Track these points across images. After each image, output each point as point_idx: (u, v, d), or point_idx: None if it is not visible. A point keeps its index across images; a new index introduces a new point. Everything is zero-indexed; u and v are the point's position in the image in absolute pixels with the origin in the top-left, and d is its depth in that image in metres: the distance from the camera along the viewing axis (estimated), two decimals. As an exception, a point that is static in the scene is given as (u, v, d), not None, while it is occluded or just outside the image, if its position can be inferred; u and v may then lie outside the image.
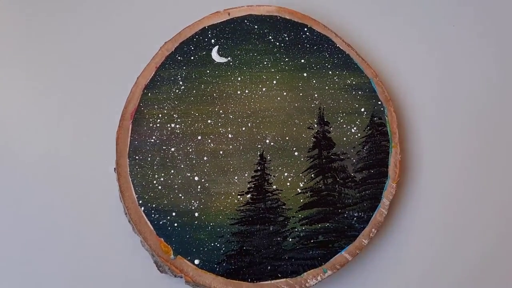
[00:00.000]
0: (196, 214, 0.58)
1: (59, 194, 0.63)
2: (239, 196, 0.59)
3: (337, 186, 0.60)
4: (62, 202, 0.63)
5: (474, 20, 0.70)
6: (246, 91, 0.62)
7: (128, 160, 0.59)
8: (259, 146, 0.61)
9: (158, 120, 0.61)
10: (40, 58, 0.67)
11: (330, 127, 0.62)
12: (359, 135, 0.62)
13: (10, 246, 0.61)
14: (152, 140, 0.60)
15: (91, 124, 0.65)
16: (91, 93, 0.66)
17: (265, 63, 0.63)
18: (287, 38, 0.64)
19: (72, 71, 0.67)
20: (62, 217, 0.63)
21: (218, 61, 0.63)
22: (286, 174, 0.60)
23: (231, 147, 0.61)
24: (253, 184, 0.60)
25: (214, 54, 0.63)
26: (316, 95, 0.63)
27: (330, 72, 0.63)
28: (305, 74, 0.63)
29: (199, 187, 0.59)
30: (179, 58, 0.62)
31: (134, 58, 0.65)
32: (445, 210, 0.65)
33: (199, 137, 0.61)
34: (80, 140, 0.65)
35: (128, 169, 0.59)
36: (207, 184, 0.59)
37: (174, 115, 0.61)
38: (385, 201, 0.60)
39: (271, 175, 0.60)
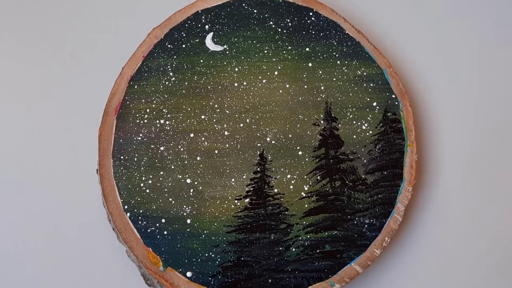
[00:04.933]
0: (189, 221, 0.58)
1: (34, 198, 0.63)
2: (236, 201, 0.59)
3: (346, 189, 0.60)
4: (37, 207, 0.63)
5: (500, 3, 0.70)
6: (244, 83, 0.62)
7: (112, 161, 0.59)
8: (258, 144, 0.61)
9: (146, 116, 0.61)
10: (12, 44, 0.67)
11: (338, 124, 0.62)
12: (370, 132, 0.62)
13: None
14: (139, 138, 0.60)
15: (70, 120, 0.65)
16: (70, 85, 0.66)
17: (265, 51, 0.63)
18: (290, 24, 0.64)
19: (49, 60, 0.67)
20: (38, 223, 0.63)
21: (213, 49, 0.63)
22: (289, 176, 0.60)
23: (227, 145, 0.61)
24: (252, 187, 0.60)
25: (208, 41, 0.63)
26: (322, 88, 0.63)
27: (338, 62, 0.63)
28: (310, 64, 0.63)
29: (191, 190, 0.59)
30: (169, 46, 0.62)
31: (119, 46, 0.65)
32: (467, 216, 0.65)
33: (192, 135, 0.61)
34: (58, 138, 0.65)
35: (112, 171, 0.59)
36: (200, 187, 0.59)
37: (164, 110, 0.61)
38: (399, 206, 0.61)
39: (272, 177, 0.60)
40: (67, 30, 0.68)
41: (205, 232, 0.58)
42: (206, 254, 0.58)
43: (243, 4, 0.64)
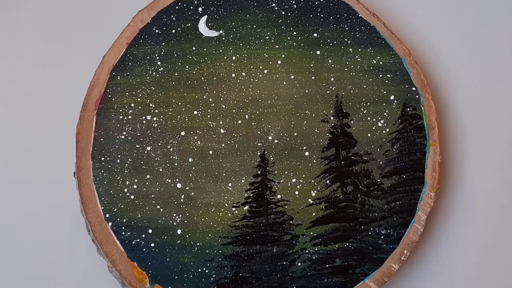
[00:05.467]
0: (179, 232, 0.58)
1: (2, 205, 0.63)
2: (233, 209, 0.59)
3: (359, 195, 0.60)
4: (7, 216, 0.63)
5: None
6: (243, 73, 0.62)
7: (91, 162, 0.59)
8: (259, 144, 0.61)
9: (130, 111, 0.60)
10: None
11: (351, 120, 0.62)
12: (387, 130, 0.61)
13: None
14: (123, 137, 0.60)
15: (44, 116, 0.65)
16: (44, 76, 0.66)
17: (267, 37, 0.63)
18: (295, 6, 0.64)
19: (21, 47, 0.67)
20: (7, 234, 0.63)
21: (207, 35, 0.63)
22: (294, 180, 0.60)
23: (223, 145, 0.60)
24: (251, 193, 0.59)
25: (202, 26, 0.63)
26: (332, 79, 0.62)
27: (350, 50, 0.63)
28: (318, 52, 0.63)
29: (182, 196, 0.59)
30: (156, 31, 0.62)
31: (100, 31, 0.65)
32: (497, 226, 0.64)
33: (183, 133, 0.60)
34: (29, 137, 0.65)
35: (92, 174, 0.59)
36: (192, 193, 0.59)
37: (151, 105, 0.61)
38: (420, 214, 0.60)
39: (274, 182, 0.60)
40: (40, 13, 0.67)
41: (198, 244, 0.58)
42: (199, 270, 0.57)
43: (242, -16, 0.64)
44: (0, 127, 0.65)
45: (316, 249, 0.58)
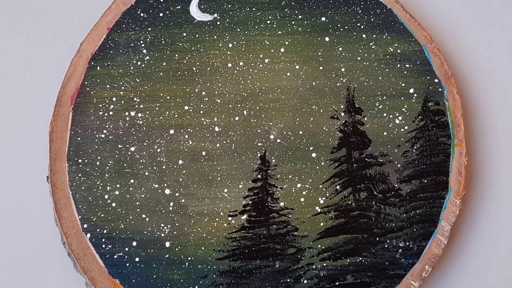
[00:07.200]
0: (167, 244, 0.57)
1: None
2: (230, 218, 0.58)
3: (374, 203, 0.59)
4: None
5: None
6: (241, 63, 0.61)
7: (67, 165, 0.58)
8: (259, 144, 0.60)
9: (112, 106, 0.59)
10: None
11: (364, 117, 0.60)
12: (406, 128, 0.60)
13: None
14: (103, 136, 0.59)
15: (13, 112, 0.64)
16: (14, 66, 0.65)
17: (268, 22, 0.62)
18: None
19: None
20: None
21: (200, 19, 0.62)
22: (299, 185, 0.59)
23: (218, 145, 0.59)
24: (250, 200, 0.59)
25: (194, 8, 0.62)
26: (343, 70, 0.61)
27: (363, 36, 0.62)
28: (327, 39, 0.62)
29: (171, 204, 0.58)
30: (141, 14, 0.62)
31: (77, 14, 0.65)
32: None
33: (172, 131, 0.59)
34: None
35: (67, 178, 0.58)
36: (183, 200, 0.58)
37: (135, 99, 0.60)
38: (444, 225, 0.58)
39: (277, 187, 0.59)
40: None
41: (189, 258, 0.57)
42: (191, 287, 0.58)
43: (240, -39, 0.64)
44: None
45: (324, 265, 0.57)
